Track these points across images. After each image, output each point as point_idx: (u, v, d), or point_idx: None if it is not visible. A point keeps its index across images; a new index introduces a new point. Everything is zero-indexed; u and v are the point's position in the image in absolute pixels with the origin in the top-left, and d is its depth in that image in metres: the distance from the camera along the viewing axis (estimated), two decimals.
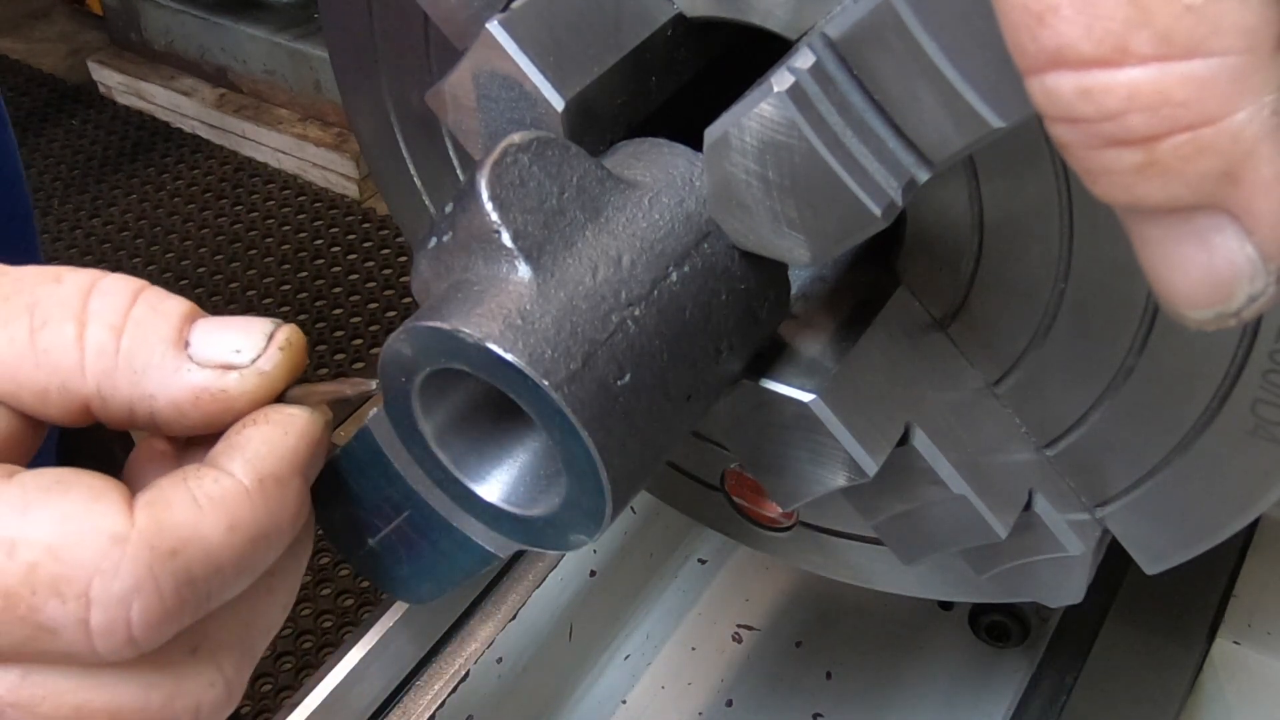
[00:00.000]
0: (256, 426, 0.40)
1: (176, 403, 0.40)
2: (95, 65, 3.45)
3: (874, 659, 0.93)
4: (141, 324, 0.40)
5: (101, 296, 0.40)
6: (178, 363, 0.40)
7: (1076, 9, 0.25)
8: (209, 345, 0.40)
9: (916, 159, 0.37)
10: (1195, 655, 0.79)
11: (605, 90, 0.47)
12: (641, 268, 0.41)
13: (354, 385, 0.45)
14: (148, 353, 0.40)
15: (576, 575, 0.95)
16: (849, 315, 0.51)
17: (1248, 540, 0.84)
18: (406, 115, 0.65)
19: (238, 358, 0.41)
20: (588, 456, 0.39)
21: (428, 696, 0.85)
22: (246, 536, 0.39)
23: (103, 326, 0.39)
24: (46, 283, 0.40)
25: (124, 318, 0.40)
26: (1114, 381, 0.49)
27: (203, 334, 0.41)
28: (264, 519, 0.39)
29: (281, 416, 0.41)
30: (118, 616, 0.36)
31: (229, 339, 0.41)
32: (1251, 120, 0.26)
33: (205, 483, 0.39)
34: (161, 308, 0.41)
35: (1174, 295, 0.29)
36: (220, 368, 0.40)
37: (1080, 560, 0.54)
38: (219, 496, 0.38)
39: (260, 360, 0.41)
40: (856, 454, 0.48)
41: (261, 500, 0.39)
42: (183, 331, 0.40)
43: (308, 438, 0.41)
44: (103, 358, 0.39)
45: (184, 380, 0.40)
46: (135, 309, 0.40)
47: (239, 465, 0.39)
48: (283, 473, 0.40)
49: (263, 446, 0.40)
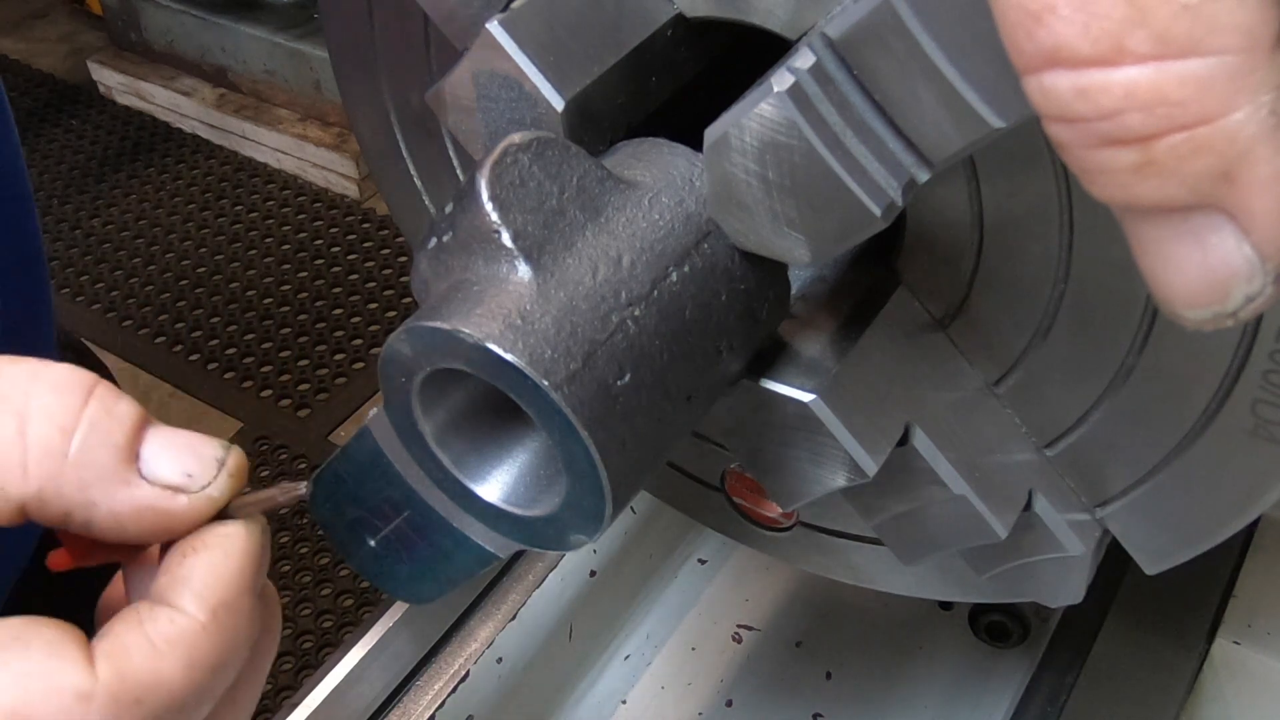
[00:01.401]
0: (198, 555, 0.39)
1: (118, 515, 0.39)
2: (95, 65, 3.45)
3: (874, 659, 0.93)
4: (95, 427, 0.38)
5: (49, 392, 0.38)
6: (127, 476, 0.39)
7: (1073, 8, 0.25)
8: (161, 464, 0.39)
9: (916, 159, 0.37)
10: (1195, 655, 0.79)
11: (605, 90, 0.47)
12: (641, 268, 0.41)
13: (285, 491, 0.44)
14: (98, 461, 0.38)
15: (576, 575, 0.95)
16: (849, 315, 0.51)
17: (1248, 540, 0.84)
18: (406, 115, 0.65)
19: (189, 482, 0.39)
20: (588, 457, 0.39)
21: (428, 696, 0.85)
22: (206, 670, 0.38)
23: (50, 424, 0.37)
24: None
25: (75, 417, 0.38)
26: (1114, 381, 0.49)
27: (155, 449, 0.39)
28: (221, 648, 0.39)
29: (219, 540, 0.40)
30: None
31: (181, 462, 0.40)
32: (1249, 120, 0.26)
33: (160, 624, 0.38)
34: (116, 411, 0.39)
35: (1171, 295, 0.29)
36: (169, 489, 0.39)
37: (1080, 560, 0.54)
38: (176, 637, 0.38)
39: (210, 487, 0.40)
40: (856, 454, 0.48)
41: (216, 631, 0.38)
42: (135, 441, 0.39)
43: (250, 554, 0.40)
44: (49, 459, 0.37)
45: (130, 495, 0.39)
46: (89, 408, 0.38)
47: (189, 600, 0.38)
48: (232, 598, 0.39)
49: (209, 575, 0.39)
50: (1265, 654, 0.82)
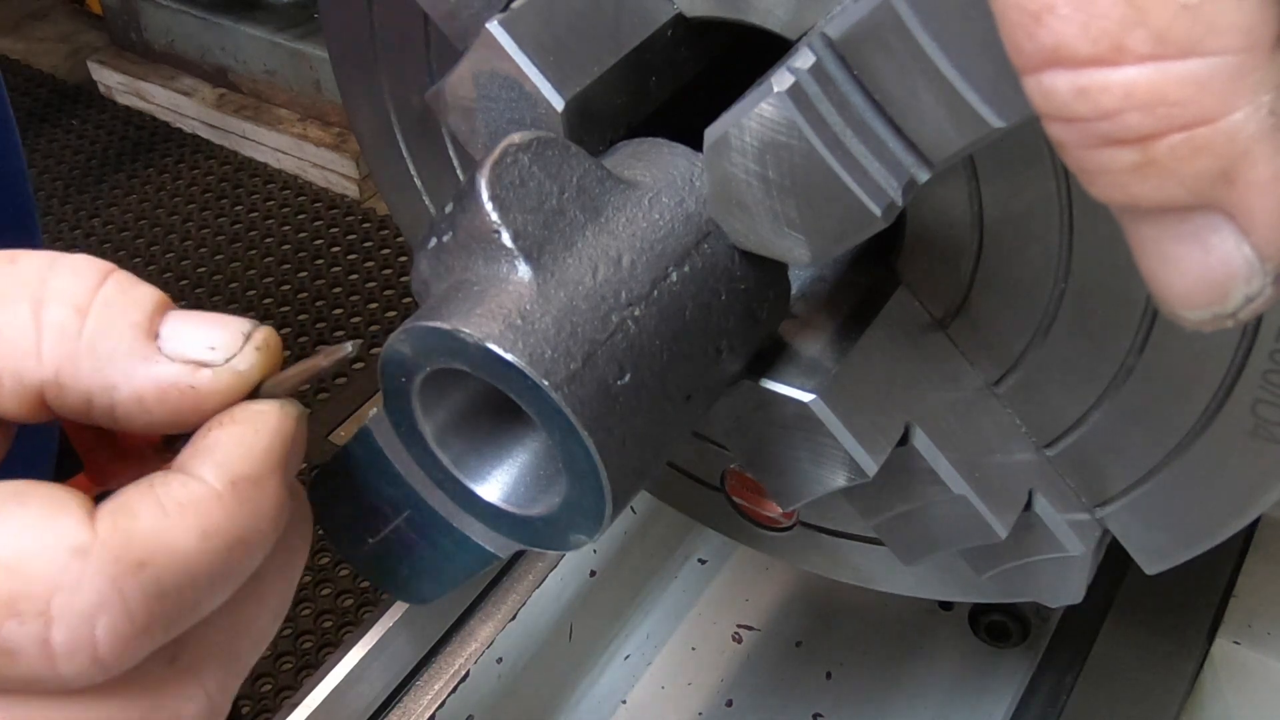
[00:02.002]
0: (224, 428, 0.38)
1: (141, 396, 0.37)
2: (95, 65, 3.46)
3: (874, 659, 0.93)
4: (110, 305, 0.37)
5: (64, 275, 0.37)
6: (146, 353, 0.37)
7: (1073, 8, 0.25)
8: (182, 339, 0.38)
9: (916, 159, 0.37)
10: (1195, 655, 0.79)
11: (605, 90, 0.47)
12: (641, 268, 0.41)
13: (328, 354, 0.41)
14: (115, 339, 0.37)
15: (576, 575, 0.95)
16: (849, 315, 0.51)
17: (1248, 540, 0.84)
18: (406, 115, 0.65)
19: (212, 355, 0.38)
20: (588, 456, 0.39)
21: (428, 696, 0.85)
22: (222, 543, 0.36)
23: (65, 305, 0.36)
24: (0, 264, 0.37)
25: (90, 297, 0.37)
26: (1114, 381, 0.49)
27: (175, 326, 0.38)
28: (240, 523, 0.36)
29: (251, 414, 0.38)
30: (82, 635, 0.33)
31: (204, 334, 0.38)
32: (1248, 120, 0.26)
33: (173, 488, 0.36)
34: (133, 293, 0.38)
35: (1170, 295, 0.29)
36: (192, 364, 0.37)
37: (1080, 560, 0.54)
38: (189, 502, 0.35)
39: (236, 359, 0.38)
40: (856, 454, 0.48)
41: (235, 503, 0.36)
42: (154, 320, 0.38)
43: (281, 434, 0.38)
44: (64, 340, 0.36)
45: (152, 373, 0.37)
46: (104, 289, 0.37)
47: (209, 469, 0.36)
48: (257, 473, 0.37)
49: (234, 447, 0.37)
50: (1265, 654, 0.82)
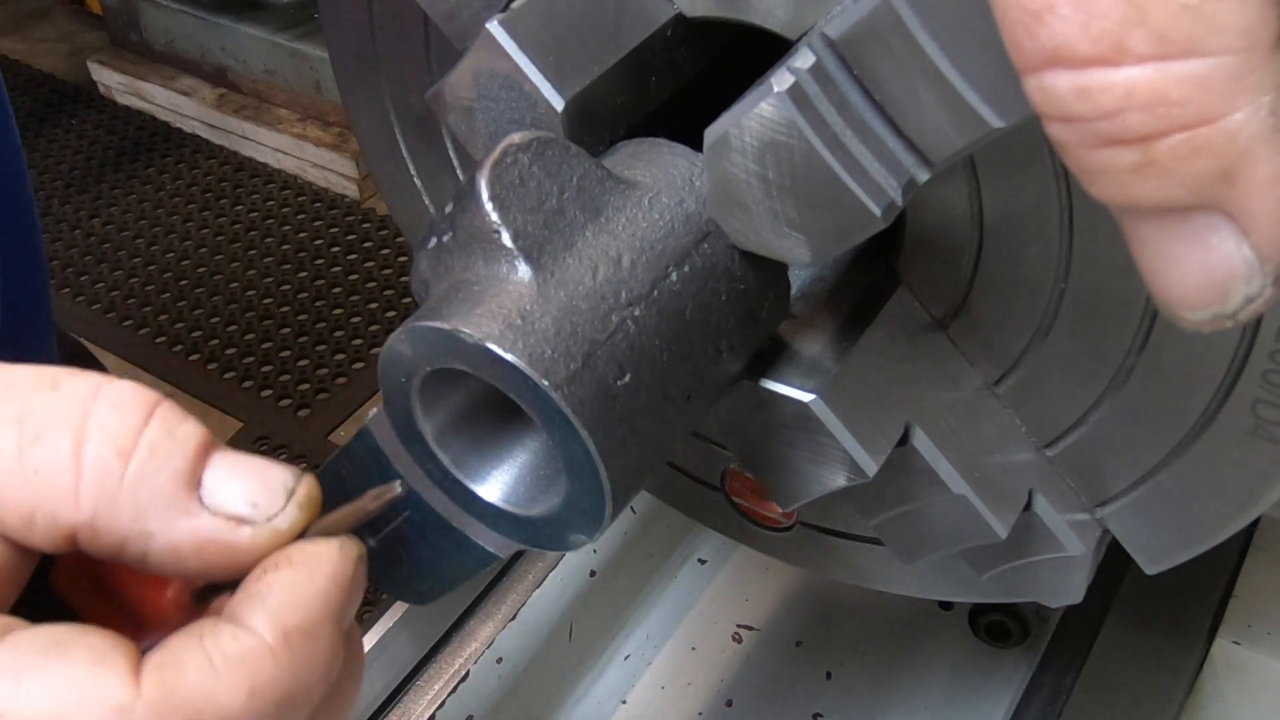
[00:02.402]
0: (279, 571, 0.36)
1: (177, 548, 0.36)
2: (95, 65, 3.45)
3: (874, 659, 0.93)
4: (155, 451, 0.35)
5: (107, 409, 0.35)
6: (188, 505, 0.36)
7: (1073, 8, 0.25)
8: (223, 492, 0.36)
9: (916, 159, 0.37)
10: (1195, 655, 0.79)
11: (605, 90, 0.47)
12: (641, 268, 0.41)
13: (375, 497, 0.40)
14: (157, 487, 0.35)
15: (576, 575, 0.95)
16: (849, 315, 0.51)
17: (1248, 540, 0.84)
18: (406, 115, 0.65)
19: (253, 511, 0.36)
20: (588, 457, 0.39)
21: (428, 696, 0.85)
22: (270, 700, 0.34)
23: (106, 445, 0.35)
24: (42, 389, 0.35)
25: (134, 438, 0.35)
26: (1114, 381, 0.49)
27: (218, 477, 0.36)
28: (290, 678, 0.34)
29: (306, 557, 0.36)
30: None
31: (246, 490, 0.36)
32: (1249, 120, 0.26)
33: (222, 641, 0.34)
34: (179, 433, 0.36)
35: (1170, 296, 0.29)
36: (233, 519, 0.36)
37: (1080, 560, 0.54)
38: (237, 656, 0.34)
39: (277, 519, 0.36)
40: (856, 454, 0.48)
41: (287, 657, 0.34)
42: (197, 466, 0.36)
43: (338, 579, 0.36)
44: (104, 484, 0.35)
45: (191, 525, 0.36)
46: (149, 430, 0.35)
47: (260, 618, 0.35)
48: (310, 623, 0.35)
49: (285, 594, 0.35)
50: (1265, 654, 0.82)
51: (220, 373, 2.62)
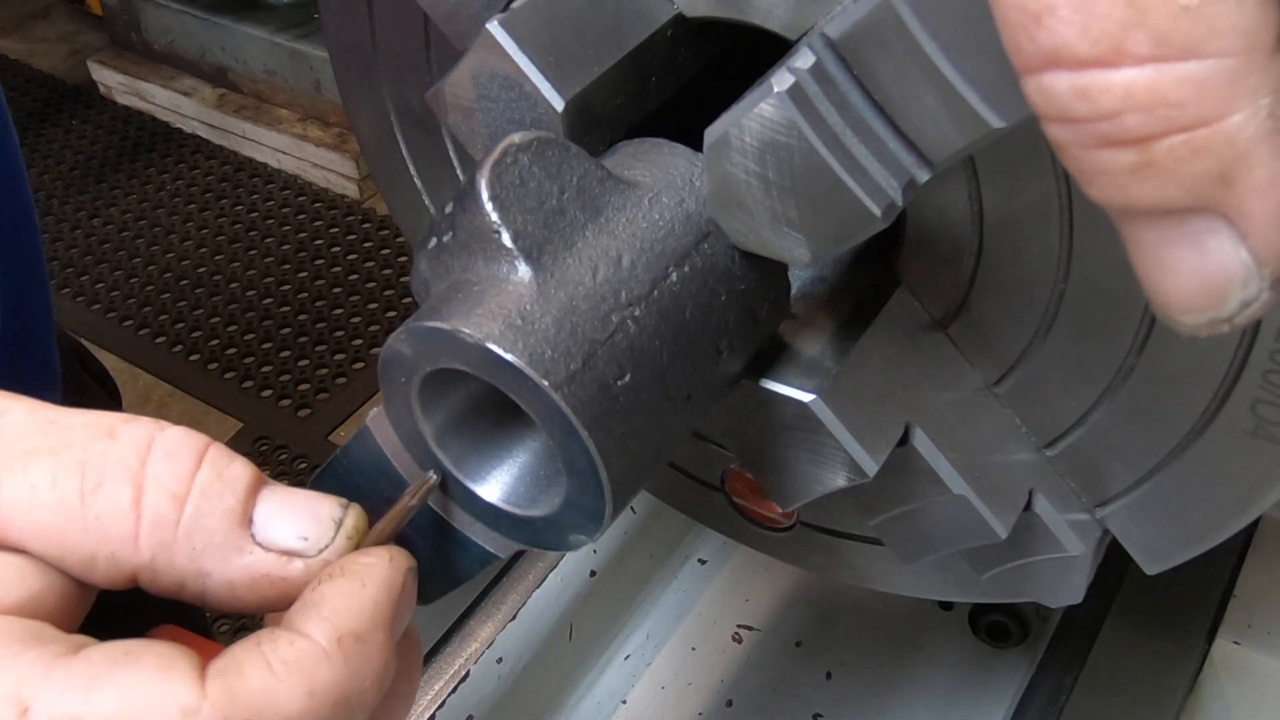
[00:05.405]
0: (333, 581, 0.38)
1: (233, 584, 0.38)
2: (95, 65, 3.46)
3: (874, 659, 0.93)
4: (208, 495, 0.38)
5: (163, 459, 0.37)
6: (241, 543, 0.38)
7: (1073, 9, 0.25)
8: (274, 528, 0.38)
9: (916, 159, 0.37)
10: (1195, 655, 0.79)
11: (605, 90, 0.47)
12: (641, 268, 0.41)
13: (413, 493, 0.42)
14: (210, 529, 0.37)
15: (576, 575, 0.95)
16: (849, 315, 0.51)
17: (1248, 540, 0.84)
18: (406, 115, 0.65)
19: (304, 545, 0.38)
20: (588, 457, 0.39)
21: (428, 696, 0.85)
22: (327, 701, 0.36)
23: (162, 493, 0.37)
24: (99, 438, 0.37)
25: (187, 485, 0.37)
26: (1114, 381, 0.49)
27: (268, 513, 0.38)
28: (345, 680, 0.36)
29: (359, 567, 0.38)
30: None
31: (296, 525, 0.39)
32: (1247, 123, 0.26)
33: (280, 646, 0.36)
34: (228, 474, 0.38)
35: (1167, 299, 0.29)
36: (285, 554, 0.38)
37: (1080, 560, 0.54)
38: (295, 660, 0.36)
39: (327, 551, 0.39)
40: (856, 454, 0.48)
41: (341, 660, 0.36)
42: (248, 504, 0.38)
43: (389, 587, 0.38)
44: (161, 529, 0.37)
45: (245, 562, 0.38)
46: (200, 475, 0.38)
47: (315, 625, 0.37)
48: (363, 629, 0.37)
49: (339, 601, 0.37)
50: (1265, 654, 0.82)
51: (220, 373, 2.62)
